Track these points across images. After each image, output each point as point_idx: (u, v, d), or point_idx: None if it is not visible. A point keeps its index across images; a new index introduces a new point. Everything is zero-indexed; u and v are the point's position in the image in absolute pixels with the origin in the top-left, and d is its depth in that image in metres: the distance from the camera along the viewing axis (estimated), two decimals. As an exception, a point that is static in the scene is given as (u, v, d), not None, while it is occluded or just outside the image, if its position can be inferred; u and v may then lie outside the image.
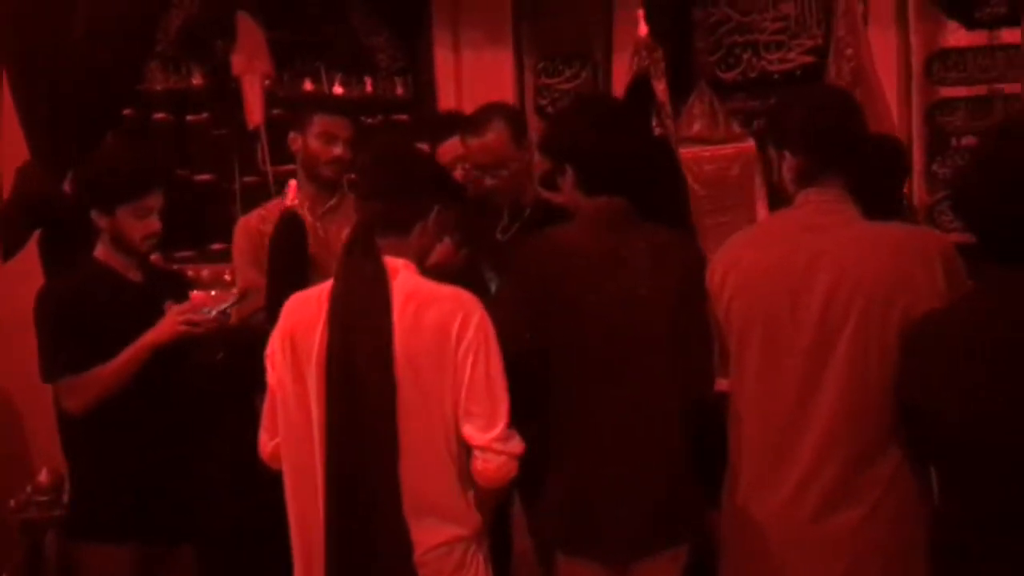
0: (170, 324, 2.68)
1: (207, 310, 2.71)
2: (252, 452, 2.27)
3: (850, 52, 3.86)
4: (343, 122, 3.22)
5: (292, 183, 3.12)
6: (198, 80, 4.49)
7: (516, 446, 2.12)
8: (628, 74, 3.75)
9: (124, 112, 4.21)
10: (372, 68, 4.85)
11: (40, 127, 3.37)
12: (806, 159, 2.22)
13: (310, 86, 4.67)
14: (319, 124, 3.18)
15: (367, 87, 4.81)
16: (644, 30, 3.66)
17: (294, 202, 3.04)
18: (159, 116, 4.42)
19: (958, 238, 2.20)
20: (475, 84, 4.78)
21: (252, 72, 4.23)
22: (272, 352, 2.17)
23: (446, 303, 2.11)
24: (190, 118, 4.50)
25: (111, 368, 2.65)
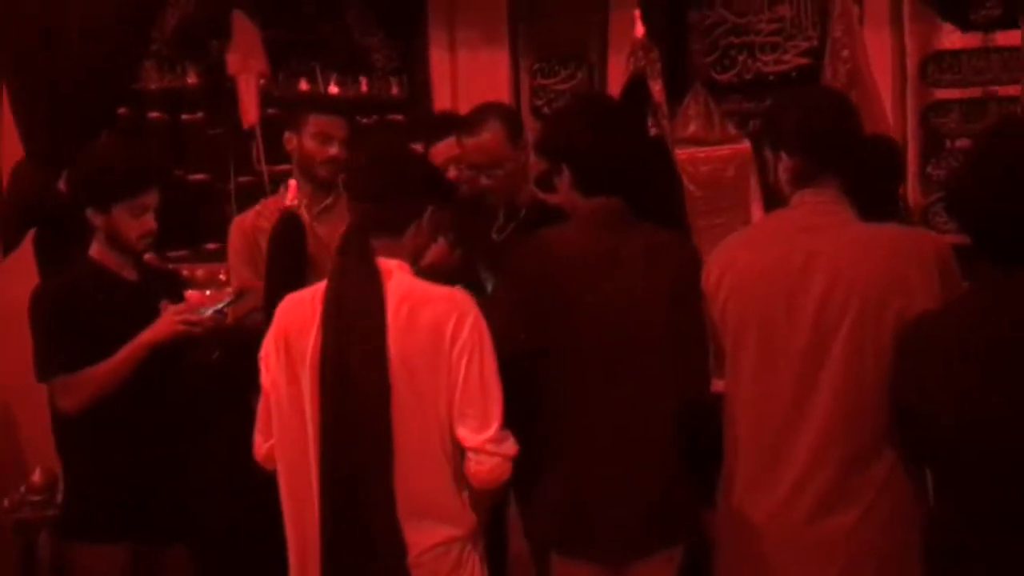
0: (167, 324, 2.68)
1: (204, 310, 2.70)
2: (248, 452, 2.26)
3: (846, 54, 3.87)
4: (338, 122, 3.21)
5: (292, 183, 3.12)
6: (193, 79, 4.50)
7: (510, 448, 2.11)
8: (624, 75, 3.75)
9: (119, 111, 4.21)
10: (368, 68, 4.86)
11: (35, 126, 3.36)
12: (802, 160, 2.23)
13: (305, 86, 4.68)
14: (314, 124, 3.18)
15: (362, 87, 4.82)
16: (641, 31, 3.66)
17: (294, 202, 3.04)
18: (154, 115, 4.42)
19: (952, 239, 2.20)
20: (471, 84, 4.79)
21: (247, 71, 4.24)
22: (266, 353, 2.16)
23: (440, 304, 2.11)
24: (185, 117, 4.51)
25: (107, 367, 2.65)
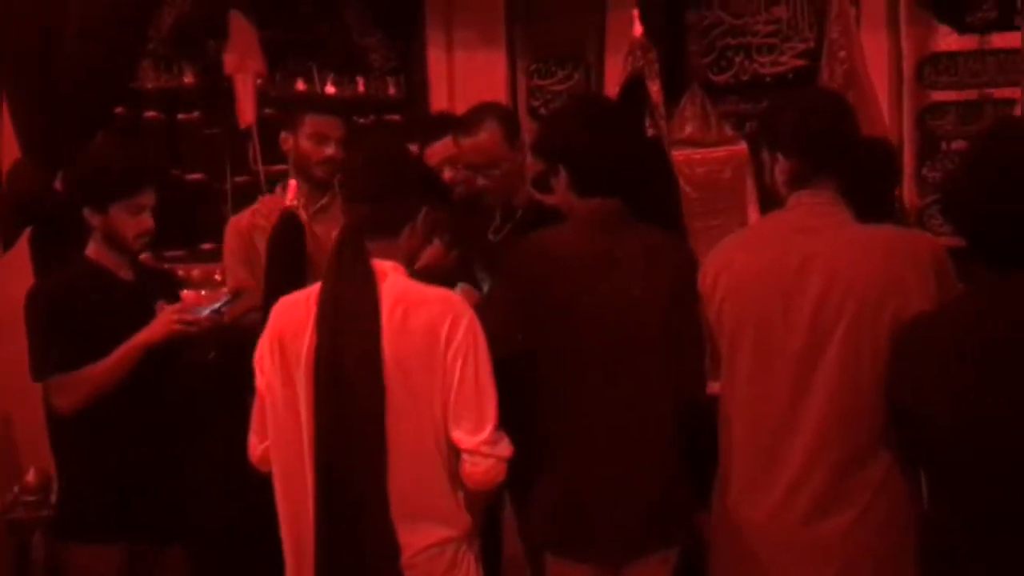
0: (163, 324, 2.67)
1: (200, 310, 2.70)
2: (244, 452, 2.26)
3: (843, 55, 3.87)
4: (335, 122, 3.21)
5: (292, 183, 3.13)
6: (190, 79, 4.49)
7: (504, 449, 2.11)
8: (621, 76, 3.75)
9: (116, 110, 4.20)
10: (365, 68, 4.86)
11: (32, 125, 3.36)
12: (799, 162, 2.23)
13: (302, 86, 4.67)
14: (310, 124, 3.18)
15: (359, 87, 4.82)
16: (639, 30, 3.65)
17: (294, 202, 3.04)
18: (150, 115, 4.42)
19: (948, 242, 2.20)
20: (468, 85, 4.78)
21: (244, 71, 4.23)
22: (261, 355, 2.16)
23: (435, 305, 2.11)
24: (181, 117, 4.50)
25: (103, 367, 2.64)
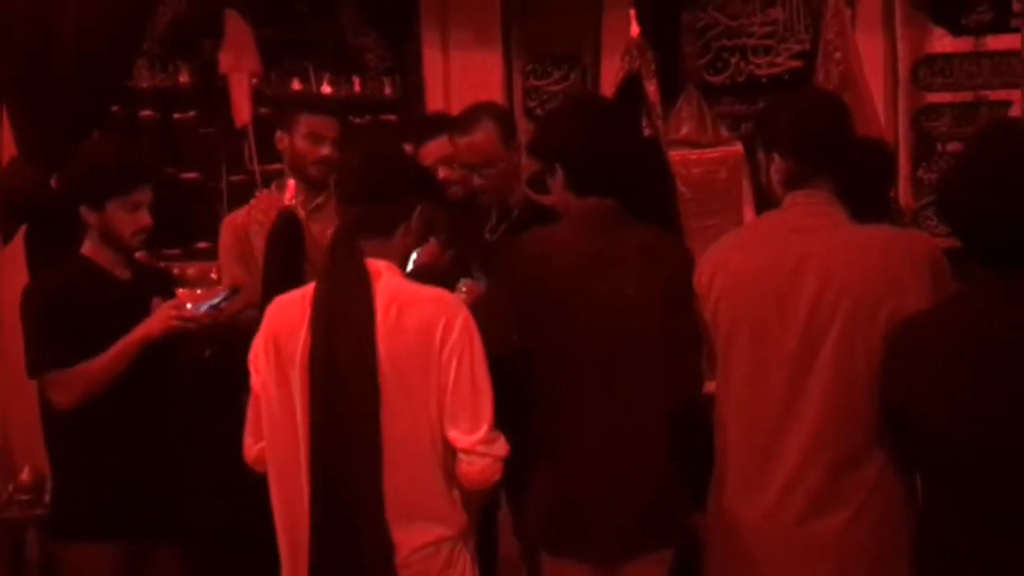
0: (161, 319, 2.67)
1: (199, 306, 2.68)
2: (239, 451, 2.26)
3: (839, 56, 3.87)
4: (330, 122, 3.21)
5: (291, 182, 3.13)
6: (185, 78, 4.48)
7: (500, 448, 2.11)
8: (617, 76, 3.75)
9: (111, 109, 4.19)
10: (360, 68, 4.85)
11: (29, 123, 3.35)
12: (795, 162, 2.23)
13: (298, 85, 4.66)
14: (306, 124, 3.18)
15: (355, 87, 4.81)
16: (636, 30, 3.66)
17: (292, 201, 3.04)
18: (146, 113, 4.41)
19: (944, 243, 2.20)
20: (463, 85, 4.77)
21: (240, 70, 4.22)
22: (255, 355, 2.16)
23: (429, 305, 2.11)
24: (177, 116, 4.49)
25: (100, 363, 2.63)
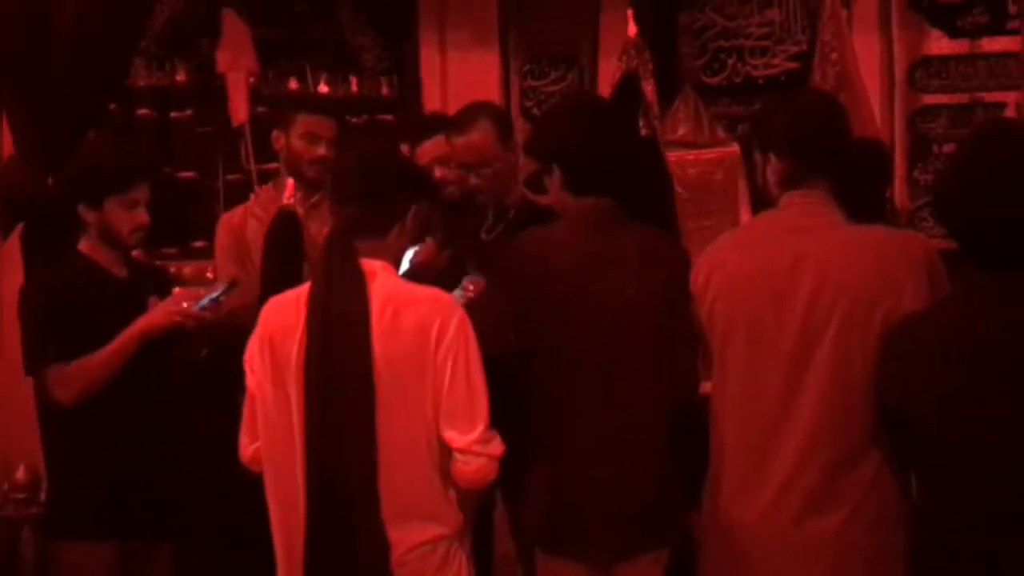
0: (163, 313, 2.66)
1: (200, 301, 2.67)
2: (235, 451, 2.25)
3: (835, 57, 3.88)
4: (327, 122, 3.21)
5: (290, 182, 3.13)
6: (182, 77, 4.48)
7: (496, 448, 2.11)
8: (615, 77, 3.75)
9: (109, 108, 4.19)
10: (358, 67, 4.85)
11: (26, 122, 3.35)
12: (791, 163, 2.23)
13: (295, 84, 4.67)
14: (302, 124, 3.18)
15: (352, 86, 4.81)
16: (633, 30, 3.66)
17: (291, 200, 3.04)
18: (143, 112, 4.41)
19: (940, 244, 2.21)
20: (461, 85, 4.78)
21: (237, 69, 4.23)
22: (251, 356, 2.16)
23: (425, 305, 2.11)
24: (174, 115, 4.50)
25: (101, 357, 2.63)
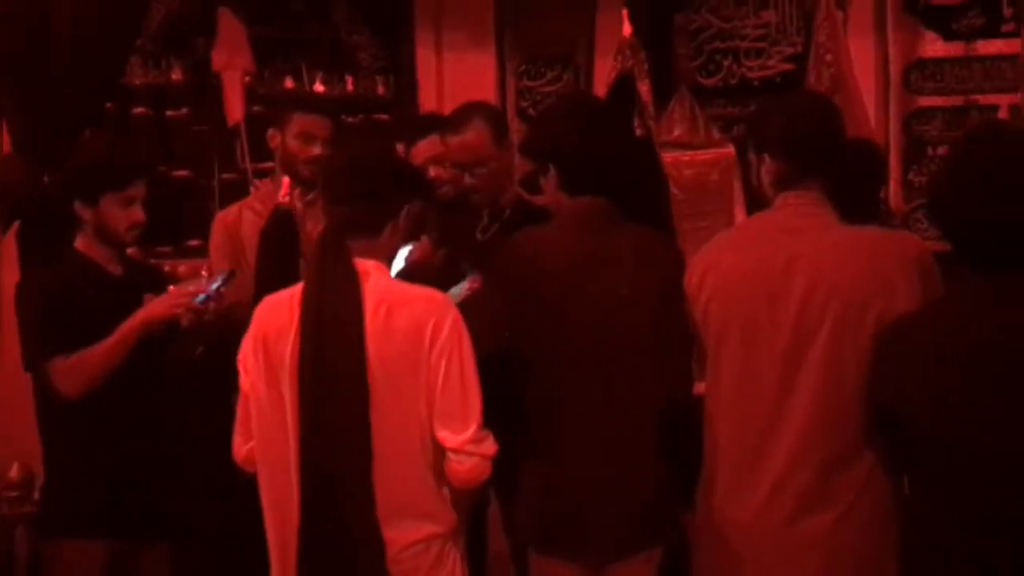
0: (164, 303, 2.65)
1: (200, 298, 2.66)
2: (231, 451, 2.26)
3: (830, 58, 3.90)
4: (322, 121, 3.20)
5: (285, 180, 3.12)
6: (178, 76, 4.49)
7: (489, 447, 2.11)
8: (610, 77, 3.76)
9: (106, 106, 4.19)
10: (354, 67, 4.86)
11: (23, 121, 3.35)
12: (786, 164, 2.24)
13: (291, 83, 4.67)
14: (298, 123, 3.17)
15: (348, 86, 4.82)
16: (628, 30, 3.67)
17: (286, 198, 3.03)
18: (139, 111, 4.41)
19: (934, 246, 2.21)
20: (457, 85, 4.78)
21: (232, 68, 4.23)
22: (244, 355, 2.16)
23: (418, 305, 2.11)
24: (170, 113, 4.50)
25: (103, 348, 2.61)
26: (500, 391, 2.21)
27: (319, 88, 4.74)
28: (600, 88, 4.36)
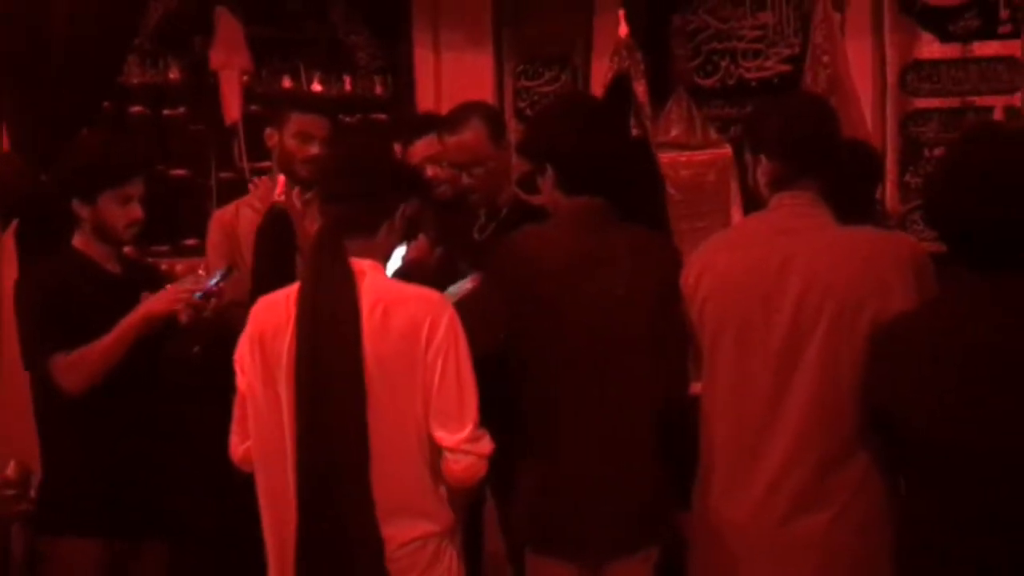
0: (165, 298, 2.65)
1: (201, 294, 2.66)
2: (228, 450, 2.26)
3: (826, 59, 3.90)
4: (320, 121, 3.21)
5: (281, 178, 3.12)
6: (176, 75, 4.48)
7: (485, 446, 2.12)
8: (607, 78, 3.77)
9: (103, 104, 4.19)
10: (352, 66, 4.86)
11: (21, 119, 3.35)
12: (782, 165, 2.24)
13: (288, 83, 4.67)
14: (296, 123, 3.18)
15: (346, 85, 4.82)
16: (625, 31, 3.67)
17: (281, 196, 3.04)
18: (136, 110, 4.40)
19: (930, 247, 2.22)
20: (454, 86, 4.79)
21: (230, 67, 4.23)
22: (241, 355, 2.16)
23: (415, 304, 2.11)
24: (167, 112, 4.49)
25: (104, 343, 2.61)
26: (497, 390, 2.22)
27: (317, 88, 4.74)
28: (597, 88, 4.36)
